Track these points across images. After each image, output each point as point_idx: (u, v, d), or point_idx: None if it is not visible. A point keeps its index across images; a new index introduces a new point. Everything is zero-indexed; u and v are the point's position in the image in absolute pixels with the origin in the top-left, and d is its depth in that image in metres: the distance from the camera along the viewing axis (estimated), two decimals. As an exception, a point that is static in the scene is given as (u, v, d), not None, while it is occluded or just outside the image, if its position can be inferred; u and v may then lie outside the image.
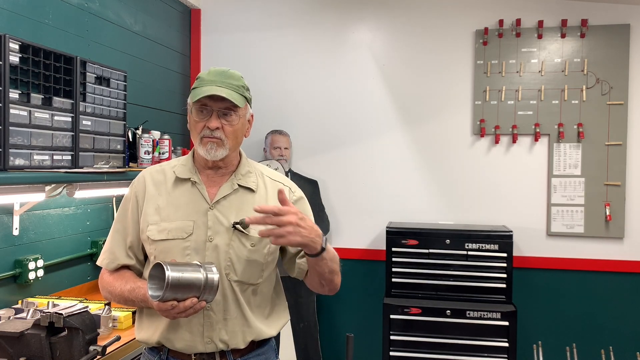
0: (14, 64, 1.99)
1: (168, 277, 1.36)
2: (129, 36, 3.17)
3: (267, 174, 1.70)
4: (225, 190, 1.60)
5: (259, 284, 1.60)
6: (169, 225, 1.56)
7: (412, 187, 3.75)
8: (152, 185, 1.63)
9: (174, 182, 1.62)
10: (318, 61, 3.86)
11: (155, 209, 1.59)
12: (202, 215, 1.57)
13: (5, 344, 1.82)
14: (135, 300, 1.55)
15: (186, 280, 1.38)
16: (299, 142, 3.87)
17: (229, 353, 1.57)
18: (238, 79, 1.58)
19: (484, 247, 3.30)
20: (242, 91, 1.57)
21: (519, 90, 3.58)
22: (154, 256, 1.57)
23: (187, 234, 1.55)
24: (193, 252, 1.55)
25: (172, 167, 1.66)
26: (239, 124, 1.58)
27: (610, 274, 3.52)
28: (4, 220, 2.30)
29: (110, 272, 1.63)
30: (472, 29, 3.66)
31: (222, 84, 1.53)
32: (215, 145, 1.55)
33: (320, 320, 3.79)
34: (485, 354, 3.22)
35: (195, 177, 1.61)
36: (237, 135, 1.59)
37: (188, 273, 1.40)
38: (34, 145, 2.07)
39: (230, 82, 1.55)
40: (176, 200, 1.60)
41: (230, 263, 1.55)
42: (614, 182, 3.49)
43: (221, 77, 1.55)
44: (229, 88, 1.53)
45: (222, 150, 1.56)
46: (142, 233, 1.60)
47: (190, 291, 1.40)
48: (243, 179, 1.63)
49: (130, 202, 1.64)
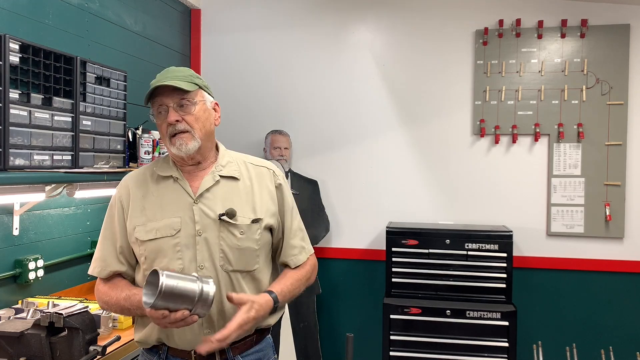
0: (14, 64, 1.99)
1: (162, 285, 1.35)
2: (129, 36, 3.17)
3: (250, 161, 1.71)
4: (207, 182, 1.61)
5: (255, 270, 1.60)
6: (156, 224, 1.57)
7: (412, 187, 3.75)
8: (135, 187, 1.64)
9: (156, 181, 1.63)
10: (318, 61, 3.86)
11: (140, 211, 1.60)
12: (187, 210, 1.58)
13: (5, 344, 1.82)
14: (131, 307, 1.55)
15: (180, 290, 1.38)
16: (299, 142, 3.87)
17: (228, 350, 1.58)
18: (184, 71, 1.61)
19: (484, 247, 3.30)
20: (190, 79, 1.58)
21: (519, 90, 3.58)
22: (145, 257, 1.57)
23: (175, 231, 1.56)
24: (184, 247, 1.55)
25: (153, 167, 1.68)
26: (198, 110, 1.58)
27: (610, 274, 3.52)
28: (4, 220, 2.30)
29: (105, 282, 1.63)
30: (472, 29, 3.66)
31: (165, 78, 1.56)
32: (184, 140, 1.56)
33: (320, 320, 3.79)
34: (485, 354, 3.22)
35: (177, 173, 1.62)
36: (204, 124, 1.59)
37: (183, 283, 1.39)
38: (34, 145, 2.06)
39: (175, 74, 1.58)
40: (160, 198, 1.60)
41: (223, 254, 1.56)
42: (614, 182, 3.49)
43: (167, 74, 1.58)
44: (176, 79, 1.55)
45: (193, 142, 1.56)
46: (130, 236, 1.60)
47: (184, 302, 1.39)
48: (224, 169, 1.64)
49: (115, 207, 1.65)
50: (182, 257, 1.55)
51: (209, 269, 1.55)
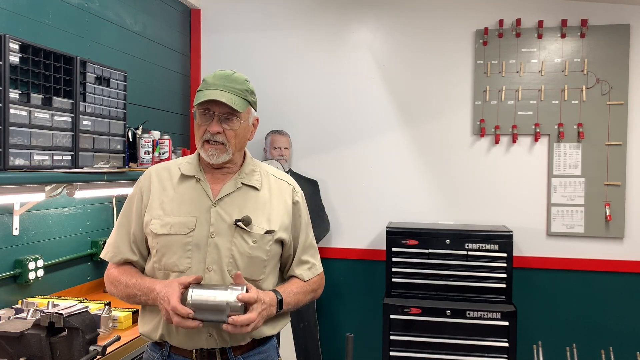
0: (14, 64, 1.99)
1: (189, 301, 1.44)
2: (129, 36, 3.17)
3: (272, 173, 1.73)
4: (228, 188, 1.62)
5: (261, 280, 1.60)
6: (172, 220, 1.58)
7: (412, 187, 3.75)
8: (158, 181, 1.66)
9: (179, 179, 1.65)
10: (318, 61, 3.86)
11: (159, 204, 1.61)
12: (205, 212, 1.59)
13: (5, 344, 1.82)
14: (139, 293, 1.56)
15: (209, 305, 1.45)
16: (299, 142, 3.87)
17: (229, 350, 1.58)
18: (242, 82, 1.59)
19: (484, 247, 3.30)
20: (244, 95, 1.58)
21: (519, 90, 3.58)
22: (156, 250, 1.59)
23: (189, 230, 1.57)
24: (194, 248, 1.56)
25: (178, 165, 1.69)
26: (241, 128, 1.60)
27: (610, 274, 3.52)
28: (4, 220, 2.30)
29: (116, 267, 1.65)
30: (472, 29, 3.66)
31: (224, 88, 1.54)
32: (217, 152, 1.58)
33: (320, 320, 3.79)
34: (485, 354, 3.21)
35: (200, 174, 1.64)
36: (240, 139, 1.61)
37: (213, 296, 1.45)
38: (34, 145, 2.07)
39: (234, 87, 1.56)
40: (180, 196, 1.62)
41: (233, 260, 1.56)
42: (614, 182, 3.49)
43: (224, 81, 1.56)
44: (232, 92, 1.54)
45: (224, 155, 1.59)
46: (145, 227, 1.61)
47: (213, 314, 1.45)
48: (247, 177, 1.66)
49: (135, 197, 1.67)
50: (191, 257, 1.56)
51: (216, 272, 1.55)
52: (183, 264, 1.56)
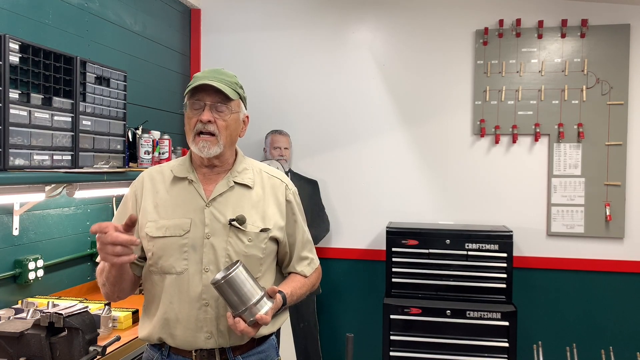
0: (14, 64, 1.99)
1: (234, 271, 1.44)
2: (129, 36, 3.17)
3: (266, 170, 1.73)
4: (221, 187, 1.62)
5: (258, 278, 1.61)
6: (167, 222, 1.59)
7: (412, 187, 3.75)
8: (151, 184, 1.66)
9: (171, 181, 1.65)
10: (318, 61, 3.86)
11: (153, 207, 1.62)
12: (199, 212, 1.59)
13: (5, 344, 1.82)
14: (105, 268, 1.55)
15: (243, 289, 1.45)
16: (299, 142, 3.87)
17: (229, 350, 1.58)
18: (231, 76, 1.63)
19: (484, 247, 3.30)
20: (234, 87, 1.61)
21: (519, 90, 3.58)
22: (152, 252, 1.59)
23: (184, 232, 1.57)
24: (191, 249, 1.57)
25: (170, 167, 1.69)
26: (232, 119, 1.61)
27: (610, 274, 3.52)
28: (4, 220, 2.30)
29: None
30: (472, 29, 3.66)
31: (214, 78, 1.57)
32: (208, 144, 1.58)
33: (320, 320, 3.79)
34: (485, 354, 3.21)
35: (192, 175, 1.64)
36: (231, 132, 1.61)
37: (251, 285, 1.46)
38: (34, 145, 2.06)
39: (223, 78, 1.59)
40: (174, 198, 1.62)
41: (229, 259, 1.57)
42: (614, 182, 3.49)
43: (214, 74, 1.60)
44: (222, 82, 1.57)
45: (216, 147, 1.58)
46: (140, 230, 1.61)
47: (239, 299, 1.44)
48: (239, 176, 1.66)
49: (129, 200, 1.68)
50: (187, 258, 1.57)
51: (213, 272, 1.55)
52: (180, 265, 1.56)
